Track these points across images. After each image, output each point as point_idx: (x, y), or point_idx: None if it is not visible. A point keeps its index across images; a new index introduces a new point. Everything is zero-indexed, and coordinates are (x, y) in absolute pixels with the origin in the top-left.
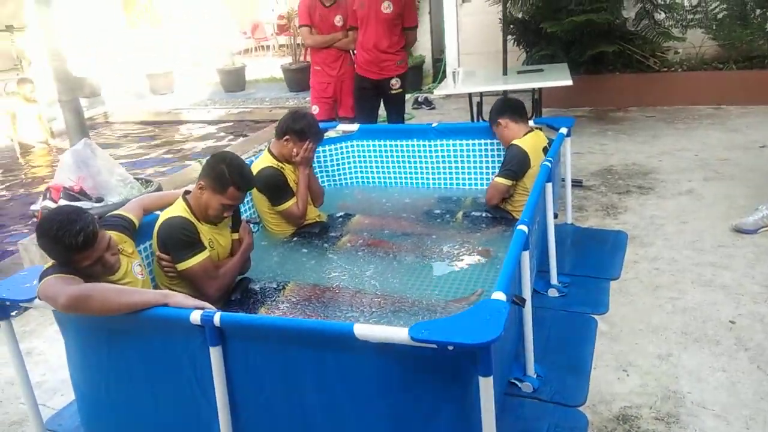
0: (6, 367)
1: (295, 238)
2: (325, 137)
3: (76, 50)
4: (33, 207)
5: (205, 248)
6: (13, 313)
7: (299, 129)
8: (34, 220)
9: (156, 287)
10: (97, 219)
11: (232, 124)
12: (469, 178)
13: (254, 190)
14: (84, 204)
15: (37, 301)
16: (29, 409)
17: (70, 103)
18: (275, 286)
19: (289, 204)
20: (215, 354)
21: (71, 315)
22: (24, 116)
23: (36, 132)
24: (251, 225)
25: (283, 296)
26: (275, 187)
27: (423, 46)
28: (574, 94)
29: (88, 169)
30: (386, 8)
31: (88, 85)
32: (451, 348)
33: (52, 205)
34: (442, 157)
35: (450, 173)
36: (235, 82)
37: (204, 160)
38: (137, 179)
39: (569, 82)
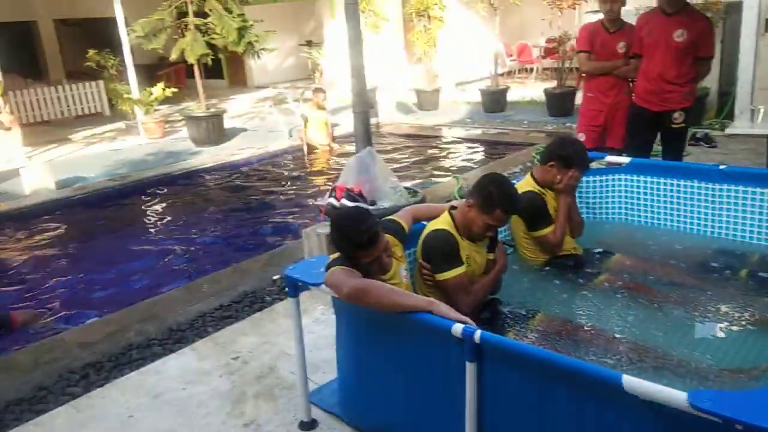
0: (280, 337)
1: (547, 267)
2: (590, 167)
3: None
4: (319, 202)
5: (463, 263)
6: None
7: (566, 155)
8: (319, 213)
9: (414, 292)
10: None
11: (487, 144)
12: (759, 232)
13: None
14: (360, 206)
15: (323, 286)
16: (299, 379)
17: (361, 114)
18: (524, 312)
19: (547, 231)
20: (470, 369)
21: (348, 304)
22: (313, 121)
23: (321, 135)
24: (506, 247)
25: (532, 325)
26: (534, 212)
27: (709, 77)
28: None
29: (368, 174)
30: (679, 36)
31: (369, 97)
32: (739, 428)
33: (336, 203)
34: (727, 203)
35: (735, 223)
36: (496, 102)
37: (460, 177)
38: (406, 188)
39: None
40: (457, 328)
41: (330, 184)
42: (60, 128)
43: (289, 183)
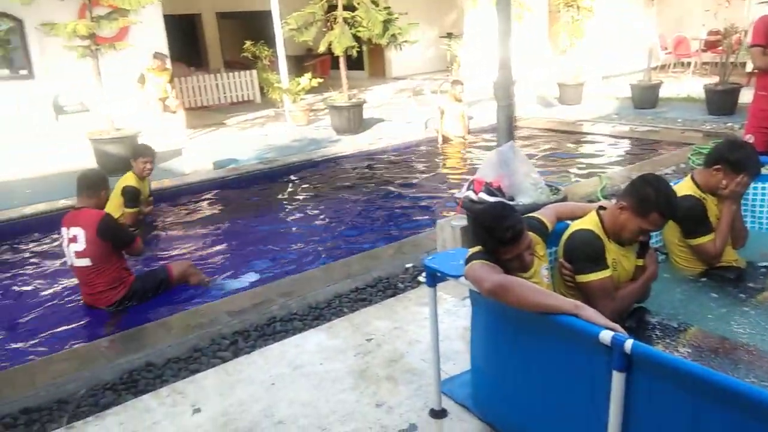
0: (412, 324)
1: (704, 278)
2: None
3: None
4: (456, 194)
5: (608, 267)
6: None
7: (735, 160)
8: (456, 205)
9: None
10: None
11: (635, 142)
12: None
13: None
14: (497, 200)
15: (462, 278)
16: (432, 368)
17: (506, 108)
18: (675, 325)
19: (705, 240)
20: (618, 379)
21: (487, 298)
22: (450, 113)
23: (456, 127)
24: (658, 254)
25: (684, 339)
26: (693, 219)
27: None
28: None
29: (508, 168)
30: None
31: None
32: None
33: (473, 197)
34: None
35: None
36: (647, 98)
37: (603, 176)
38: (547, 185)
39: None
40: (606, 335)
41: (465, 177)
42: (217, 113)
43: (422, 173)
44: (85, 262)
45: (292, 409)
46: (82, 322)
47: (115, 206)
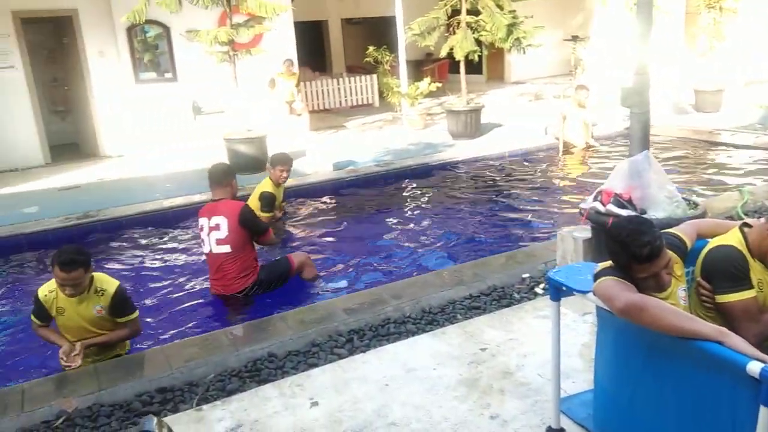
0: (528, 336)
1: None
2: None
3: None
4: (581, 205)
5: (752, 287)
6: None
7: None
8: (580, 216)
9: None
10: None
11: None
12: None
13: None
14: (627, 212)
15: (591, 295)
16: (552, 384)
17: (641, 115)
18: None
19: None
20: (766, 415)
21: (617, 318)
22: (573, 119)
23: (579, 134)
24: None
25: None
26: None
27: None
28: None
29: (641, 180)
30: None
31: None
32: None
33: (601, 208)
34: None
35: None
36: None
37: (745, 191)
38: (684, 199)
39: None
40: (755, 367)
41: (587, 186)
42: (338, 116)
43: (540, 181)
44: (225, 248)
45: (404, 411)
46: (211, 309)
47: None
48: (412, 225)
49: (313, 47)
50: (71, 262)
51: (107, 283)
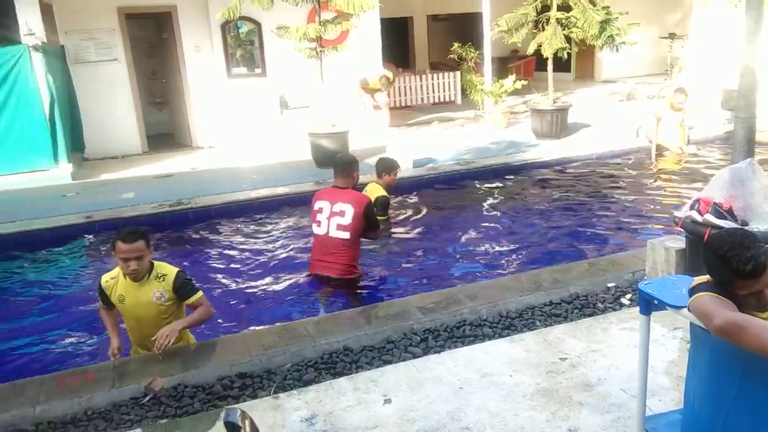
0: (612, 349)
1: None
2: None
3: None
4: (676, 213)
5: None
6: None
7: None
8: (674, 225)
9: None
10: None
11: None
12: None
13: None
14: (726, 223)
15: (685, 311)
16: (638, 402)
17: (747, 119)
18: None
19: None
20: None
21: (714, 336)
22: (668, 122)
23: (674, 137)
24: None
25: None
26: None
27: None
28: None
29: (743, 188)
30: None
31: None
32: None
33: (698, 217)
34: None
35: None
36: None
37: None
38: None
39: None
40: None
41: (682, 193)
42: (419, 113)
43: (629, 186)
44: (344, 235)
45: (479, 416)
46: (292, 297)
47: None
48: (490, 226)
49: (397, 43)
50: (132, 232)
51: (167, 268)
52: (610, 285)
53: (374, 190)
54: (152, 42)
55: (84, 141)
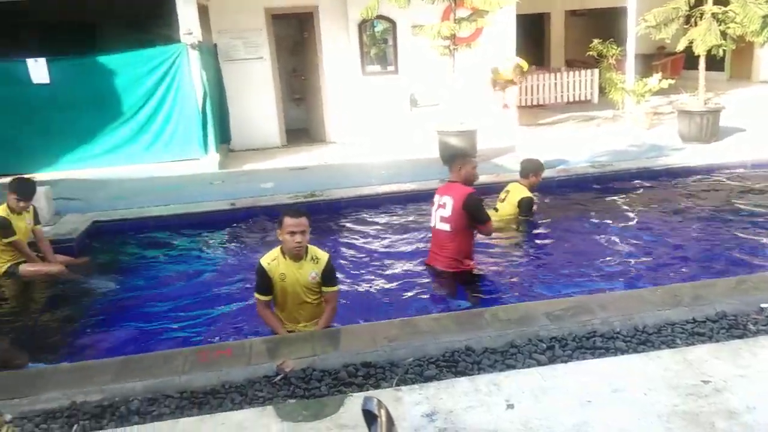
0: (763, 374)
1: None
2: None
3: None
4: None
5: None
6: None
7: None
8: None
9: None
10: None
11: None
12: None
13: None
14: None
15: None
16: None
17: None
18: None
19: None
20: None
21: None
22: None
23: None
24: None
25: None
26: None
27: None
28: None
29: None
30: None
31: None
32: None
33: None
34: None
35: None
36: None
37: None
38: None
39: None
40: None
41: None
42: (551, 112)
43: None
44: (446, 227)
45: None
46: (414, 291)
47: (507, 214)
48: (624, 234)
49: (531, 40)
50: (297, 210)
51: (320, 252)
52: (763, 305)
53: (517, 191)
54: (295, 40)
55: (230, 133)
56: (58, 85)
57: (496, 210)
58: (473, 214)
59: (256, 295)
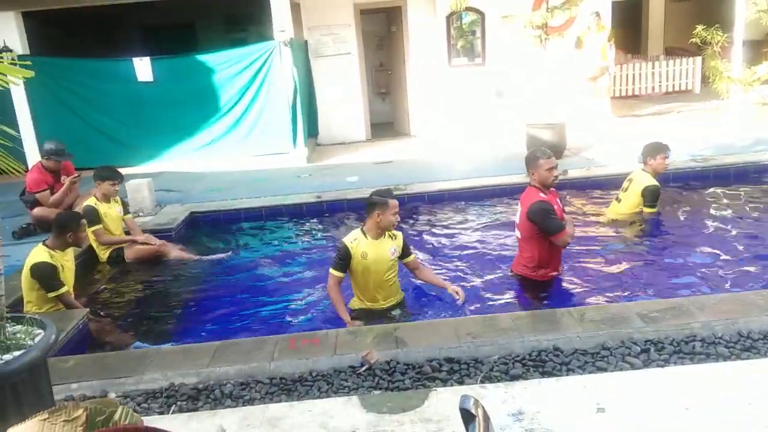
0: None
1: None
2: None
3: None
4: None
5: None
6: None
7: None
8: None
9: None
10: None
11: None
12: None
13: None
14: None
15: None
16: None
17: None
18: None
19: None
20: None
21: None
22: None
23: None
24: None
25: None
26: None
27: None
28: None
29: None
30: None
31: None
32: None
33: None
34: None
35: None
36: None
37: None
38: None
39: None
40: None
41: None
42: (647, 102)
43: None
44: (518, 233)
45: None
46: (497, 289)
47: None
48: (725, 234)
49: (627, 27)
50: (391, 191)
51: (394, 231)
52: None
53: (641, 178)
54: (381, 35)
55: (318, 127)
56: (161, 83)
57: (619, 201)
58: (539, 224)
59: (332, 271)
